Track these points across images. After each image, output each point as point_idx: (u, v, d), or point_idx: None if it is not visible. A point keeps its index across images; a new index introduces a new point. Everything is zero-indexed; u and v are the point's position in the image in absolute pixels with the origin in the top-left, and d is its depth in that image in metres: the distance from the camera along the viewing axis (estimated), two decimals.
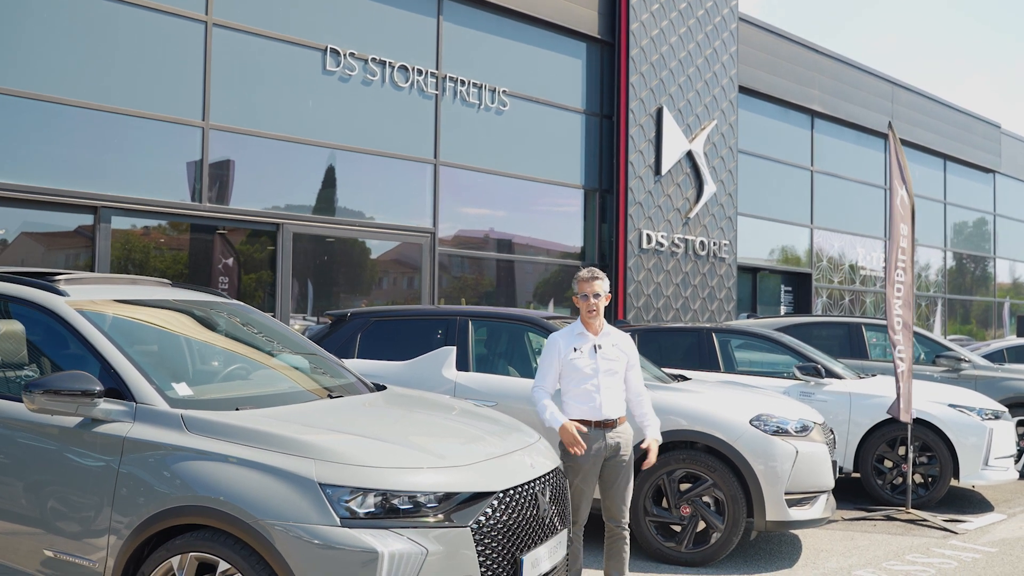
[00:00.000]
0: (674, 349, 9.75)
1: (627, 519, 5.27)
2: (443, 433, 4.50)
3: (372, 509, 3.64)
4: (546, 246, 14.28)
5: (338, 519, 3.57)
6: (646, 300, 14.56)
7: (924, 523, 7.93)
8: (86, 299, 4.54)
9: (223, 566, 3.66)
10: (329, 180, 11.40)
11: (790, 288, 19.04)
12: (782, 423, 6.43)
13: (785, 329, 11.57)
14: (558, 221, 14.34)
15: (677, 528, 6.40)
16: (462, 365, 7.03)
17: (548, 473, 4.42)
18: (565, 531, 4.51)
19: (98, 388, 3.97)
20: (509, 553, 3.94)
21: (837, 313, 19.47)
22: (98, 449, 3.96)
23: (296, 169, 11.02)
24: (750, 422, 6.34)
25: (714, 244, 15.77)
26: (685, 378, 7.80)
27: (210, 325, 5.26)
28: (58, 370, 4.36)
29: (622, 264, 14.29)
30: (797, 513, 6.31)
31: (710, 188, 15.63)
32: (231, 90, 10.32)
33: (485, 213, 13.36)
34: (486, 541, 3.82)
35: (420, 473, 3.80)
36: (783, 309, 18.88)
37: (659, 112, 14.81)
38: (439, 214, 12.32)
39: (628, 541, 5.29)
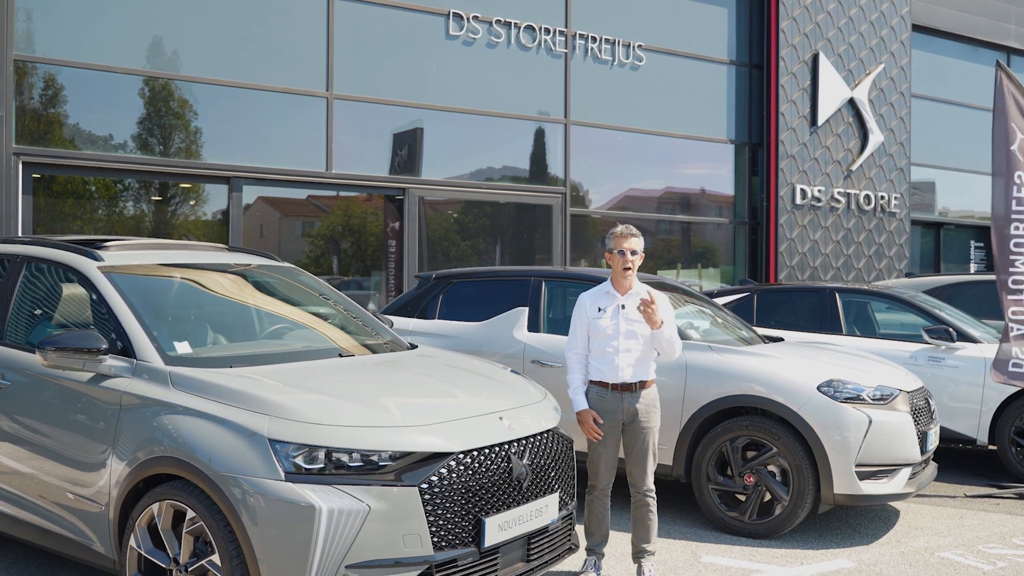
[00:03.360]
0: (795, 311, 9.21)
1: (649, 486, 5.07)
2: (422, 393, 4.51)
3: (320, 465, 3.74)
4: (690, 205, 13.84)
5: (283, 473, 3.69)
6: (801, 259, 13.80)
7: None
8: (121, 263, 4.88)
9: (190, 514, 3.87)
10: (455, 144, 11.57)
11: (981, 244, 17.41)
12: (857, 390, 5.94)
13: (942, 288, 10.64)
14: (703, 178, 13.85)
15: (742, 497, 6.10)
16: (533, 326, 6.99)
17: (534, 435, 4.34)
18: (556, 495, 4.42)
19: (103, 346, 4.30)
20: (470, 514, 3.92)
21: None
22: (103, 402, 4.29)
23: (420, 134, 11.25)
24: (818, 388, 5.91)
25: (881, 197, 14.67)
26: (779, 339, 7.39)
27: (255, 287, 5.53)
28: (85, 328, 4.72)
29: (773, 221, 13.60)
30: (870, 487, 5.84)
31: (876, 137, 14.53)
32: (354, 60, 10.67)
33: (622, 172, 13.11)
34: (438, 501, 3.82)
35: (373, 432, 3.85)
36: (972, 267, 17.32)
37: (815, 59, 13.88)
38: (570, 174, 12.21)
39: (654, 509, 5.09)
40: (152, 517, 4.02)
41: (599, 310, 5.06)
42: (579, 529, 5.30)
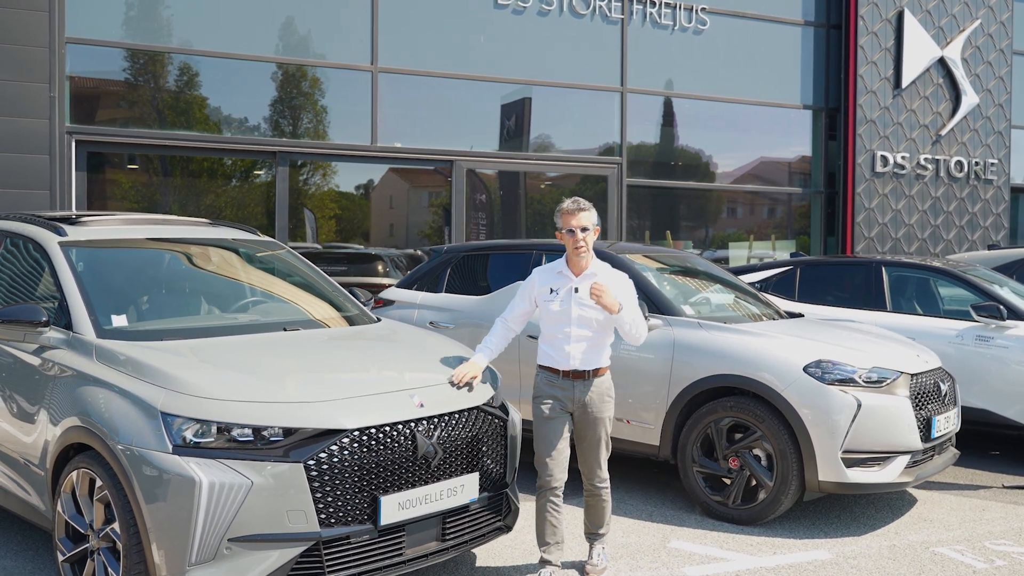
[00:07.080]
0: (839, 286, 8.72)
1: (601, 479, 4.76)
2: (337, 368, 4.47)
3: (210, 439, 3.77)
4: (763, 173, 13.29)
5: (171, 446, 3.74)
6: (880, 230, 13.07)
7: None
8: (85, 238, 5.02)
9: (98, 483, 3.99)
10: (505, 115, 11.45)
11: None
12: (849, 371, 5.57)
13: (1021, 262, 9.88)
14: (775, 145, 13.27)
15: (727, 481, 5.84)
16: None
17: (452, 413, 4.26)
18: (475, 475, 4.33)
19: (43, 319, 4.46)
20: (364, 492, 3.89)
21: None
22: (42, 372, 4.46)
23: (469, 106, 11.20)
24: (804, 368, 5.57)
25: (976, 164, 13.71)
26: (799, 315, 7.04)
27: (228, 261, 5.61)
28: (46, 301, 4.90)
29: (850, 190, 12.92)
30: (859, 475, 5.47)
31: (970, 99, 13.56)
32: (399, 33, 10.68)
33: (686, 140, 12.69)
34: (327, 478, 3.80)
35: (265, 407, 3.85)
36: None
37: (899, 17, 13.03)
38: (626, 143, 11.91)
39: (606, 497, 4.79)
40: (73, 484, 4.16)
41: (551, 292, 4.68)
42: (530, 505, 5.20)
